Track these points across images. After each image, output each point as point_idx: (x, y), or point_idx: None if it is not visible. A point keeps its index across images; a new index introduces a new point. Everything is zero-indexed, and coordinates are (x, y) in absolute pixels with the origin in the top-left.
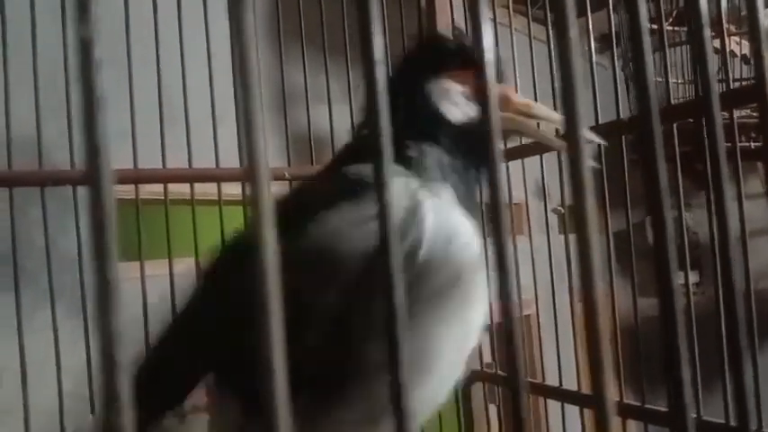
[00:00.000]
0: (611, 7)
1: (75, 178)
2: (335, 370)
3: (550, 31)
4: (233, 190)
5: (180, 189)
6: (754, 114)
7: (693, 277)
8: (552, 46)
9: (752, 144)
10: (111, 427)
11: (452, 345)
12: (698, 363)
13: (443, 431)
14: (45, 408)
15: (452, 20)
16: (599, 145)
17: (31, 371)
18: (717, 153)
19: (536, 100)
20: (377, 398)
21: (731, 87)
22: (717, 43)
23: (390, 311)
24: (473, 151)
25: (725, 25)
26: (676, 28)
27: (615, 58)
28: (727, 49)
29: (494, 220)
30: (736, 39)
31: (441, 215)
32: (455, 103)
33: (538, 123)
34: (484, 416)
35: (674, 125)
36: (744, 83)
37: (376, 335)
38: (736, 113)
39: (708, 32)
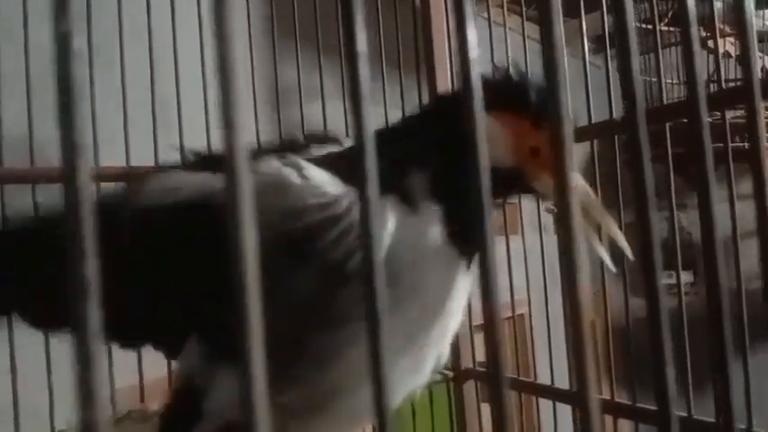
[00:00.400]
0: (604, 8)
1: None
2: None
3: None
4: None
5: None
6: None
7: (688, 277)
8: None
9: (746, 144)
10: (87, 426)
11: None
12: (689, 362)
13: (435, 430)
14: (36, 407)
15: (447, 21)
16: (592, 145)
17: (23, 370)
18: (703, 154)
19: None
20: (322, 383)
21: (723, 88)
22: (712, 44)
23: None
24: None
25: (718, 26)
26: (671, 29)
27: (609, 58)
28: (721, 50)
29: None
30: (731, 39)
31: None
32: (489, 144)
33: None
34: (476, 414)
35: (667, 126)
36: (738, 83)
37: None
38: (730, 114)
39: (696, 32)
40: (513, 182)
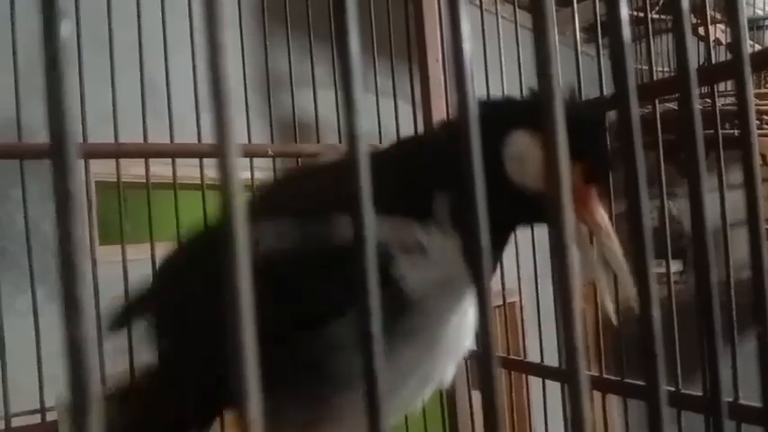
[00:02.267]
0: None
1: None
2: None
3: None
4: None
5: (162, 172)
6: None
7: (677, 266)
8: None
9: (736, 132)
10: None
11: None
12: (678, 346)
13: (426, 417)
14: (27, 390)
15: (438, 9)
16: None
17: (13, 353)
18: (693, 136)
19: (521, 87)
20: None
21: (713, 64)
22: (703, 31)
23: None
24: (515, 215)
25: (709, 12)
26: (662, 16)
27: (600, 47)
28: (712, 37)
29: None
30: (722, 27)
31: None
32: (522, 162)
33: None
34: (467, 401)
35: (657, 110)
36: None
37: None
38: (720, 102)
39: (687, 11)
40: (539, 208)
